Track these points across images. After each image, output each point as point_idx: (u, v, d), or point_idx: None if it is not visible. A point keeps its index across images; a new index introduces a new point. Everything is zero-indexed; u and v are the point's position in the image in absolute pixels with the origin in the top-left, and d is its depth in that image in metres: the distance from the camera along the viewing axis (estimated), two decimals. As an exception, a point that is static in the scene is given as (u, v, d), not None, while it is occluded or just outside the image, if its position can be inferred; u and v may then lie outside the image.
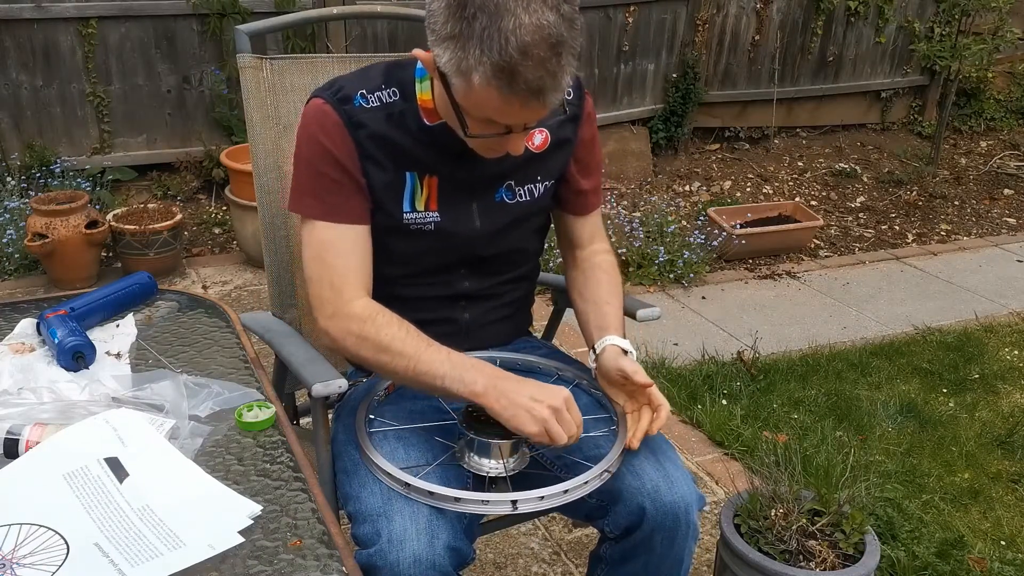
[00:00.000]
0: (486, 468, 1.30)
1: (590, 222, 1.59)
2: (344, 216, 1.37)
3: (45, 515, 0.99)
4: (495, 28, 1.12)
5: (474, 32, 1.14)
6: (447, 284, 1.49)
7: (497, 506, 1.22)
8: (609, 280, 1.56)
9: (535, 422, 1.24)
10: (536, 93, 1.17)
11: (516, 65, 1.13)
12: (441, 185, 1.41)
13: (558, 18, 1.15)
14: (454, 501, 1.22)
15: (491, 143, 1.29)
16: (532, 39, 1.13)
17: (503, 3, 1.12)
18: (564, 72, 1.18)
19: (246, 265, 3.79)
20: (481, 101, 1.20)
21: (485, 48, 1.13)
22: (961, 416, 2.88)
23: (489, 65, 1.14)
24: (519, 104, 1.18)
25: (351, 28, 4.31)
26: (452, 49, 1.17)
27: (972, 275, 4.13)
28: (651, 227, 4.03)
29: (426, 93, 1.36)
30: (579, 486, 1.25)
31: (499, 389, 1.26)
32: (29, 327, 1.41)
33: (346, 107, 1.35)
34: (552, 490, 1.23)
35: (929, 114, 5.99)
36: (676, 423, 2.76)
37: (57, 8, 3.91)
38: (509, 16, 1.12)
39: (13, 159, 4.00)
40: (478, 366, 1.29)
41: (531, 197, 1.48)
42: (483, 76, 1.15)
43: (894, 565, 2.09)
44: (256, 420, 1.21)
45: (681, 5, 5.05)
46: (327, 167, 1.35)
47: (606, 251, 1.61)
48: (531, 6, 1.13)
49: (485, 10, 1.13)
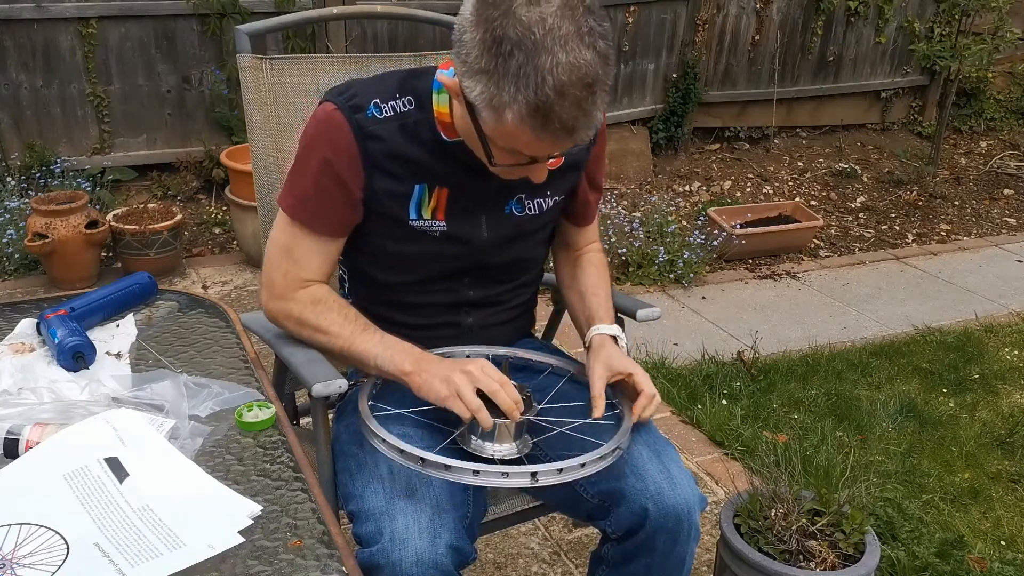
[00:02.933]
0: (489, 451, 1.29)
1: (590, 229, 1.62)
2: (326, 228, 1.39)
3: (45, 515, 0.99)
4: (532, 67, 1.11)
5: (509, 69, 1.12)
6: (452, 292, 1.49)
7: (517, 479, 1.21)
8: (597, 272, 1.59)
9: (447, 386, 1.26)
10: (569, 132, 1.16)
11: (552, 105, 1.12)
12: (451, 197, 1.40)
13: (595, 56, 1.13)
14: (472, 474, 1.19)
15: (514, 170, 1.29)
16: (569, 79, 1.11)
17: (540, 41, 1.10)
18: (598, 110, 1.17)
19: (246, 265, 3.79)
20: (511, 136, 1.19)
21: (521, 86, 1.12)
22: (961, 416, 2.88)
23: (524, 104, 1.13)
24: (550, 141, 1.18)
25: (351, 28, 4.31)
26: (484, 83, 1.15)
27: (972, 275, 4.13)
28: (651, 227, 4.03)
29: (443, 106, 1.34)
30: (595, 460, 1.25)
31: (421, 366, 1.31)
32: (29, 327, 1.41)
33: (358, 116, 1.34)
34: (571, 463, 1.23)
35: (929, 114, 5.99)
36: (676, 423, 2.76)
37: (57, 8, 3.91)
38: (547, 55, 1.11)
39: (13, 159, 4.00)
40: (408, 349, 1.34)
41: (540, 211, 1.48)
42: (517, 114, 1.14)
43: (894, 565, 2.09)
44: (256, 420, 1.21)
45: (681, 5, 5.05)
46: (324, 178, 1.35)
47: (597, 248, 1.64)
48: (568, 44, 1.11)
49: (522, 48, 1.11)
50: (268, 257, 1.43)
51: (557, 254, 1.65)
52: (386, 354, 1.33)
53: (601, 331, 1.46)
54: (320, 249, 1.40)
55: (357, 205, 1.38)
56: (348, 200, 1.37)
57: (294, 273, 1.40)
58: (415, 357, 1.32)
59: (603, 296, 1.54)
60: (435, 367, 1.30)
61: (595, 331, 1.47)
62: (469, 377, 1.26)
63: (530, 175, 1.29)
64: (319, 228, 1.39)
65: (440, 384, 1.27)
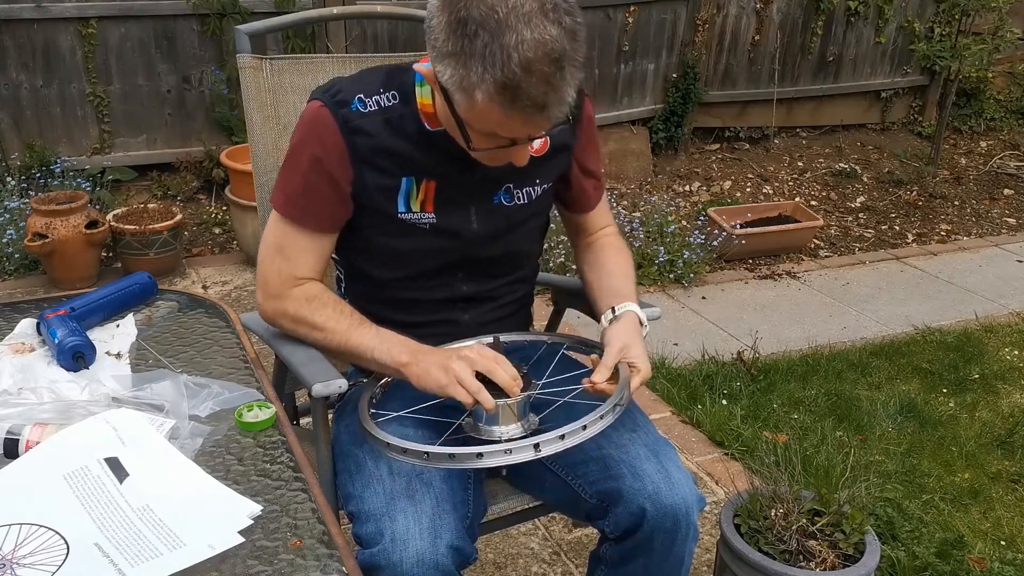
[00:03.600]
0: (497, 433, 1.28)
1: (596, 213, 1.61)
2: (316, 224, 1.40)
3: (45, 515, 0.99)
4: (497, 45, 1.12)
5: (475, 49, 1.13)
6: (446, 287, 1.49)
7: (520, 452, 1.20)
8: (618, 253, 1.58)
9: (445, 374, 1.26)
10: (540, 108, 1.17)
11: (519, 82, 1.13)
12: (439, 189, 1.41)
13: (560, 31, 1.14)
14: (476, 457, 1.19)
15: (495, 154, 1.29)
16: (535, 55, 1.12)
17: (504, 19, 1.11)
18: (568, 85, 1.17)
19: (246, 265, 3.79)
20: (484, 116, 1.19)
21: (487, 65, 1.13)
22: (961, 416, 2.88)
23: (492, 82, 1.14)
24: (522, 119, 1.18)
25: (351, 28, 4.31)
26: (454, 66, 1.16)
27: (972, 275, 4.13)
28: (651, 227, 4.03)
29: (426, 98, 1.35)
30: (595, 420, 1.23)
31: (418, 357, 1.31)
32: (29, 327, 1.41)
33: (343, 111, 1.34)
34: (572, 427, 1.21)
35: (929, 114, 5.99)
36: (676, 423, 2.76)
37: (57, 8, 3.90)
38: (511, 32, 1.11)
39: (13, 159, 4.00)
40: (405, 341, 1.34)
41: (529, 200, 1.48)
42: (486, 93, 1.15)
43: (894, 565, 2.09)
44: (256, 420, 1.21)
45: (681, 5, 5.05)
46: (314, 175, 1.36)
47: (614, 232, 1.63)
48: (532, 21, 1.12)
49: (486, 27, 1.12)
50: (261, 257, 1.44)
51: (574, 242, 1.66)
52: (382, 347, 1.34)
53: (632, 309, 1.45)
54: (312, 246, 1.41)
55: (347, 200, 1.39)
56: (338, 195, 1.37)
57: (287, 271, 1.40)
58: (411, 348, 1.33)
59: (628, 277, 1.53)
60: (431, 356, 1.31)
61: (627, 307, 1.45)
62: (466, 361, 1.26)
63: (512, 159, 1.29)
64: (310, 224, 1.39)
65: (439, 372, 1.27)
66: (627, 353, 1.37)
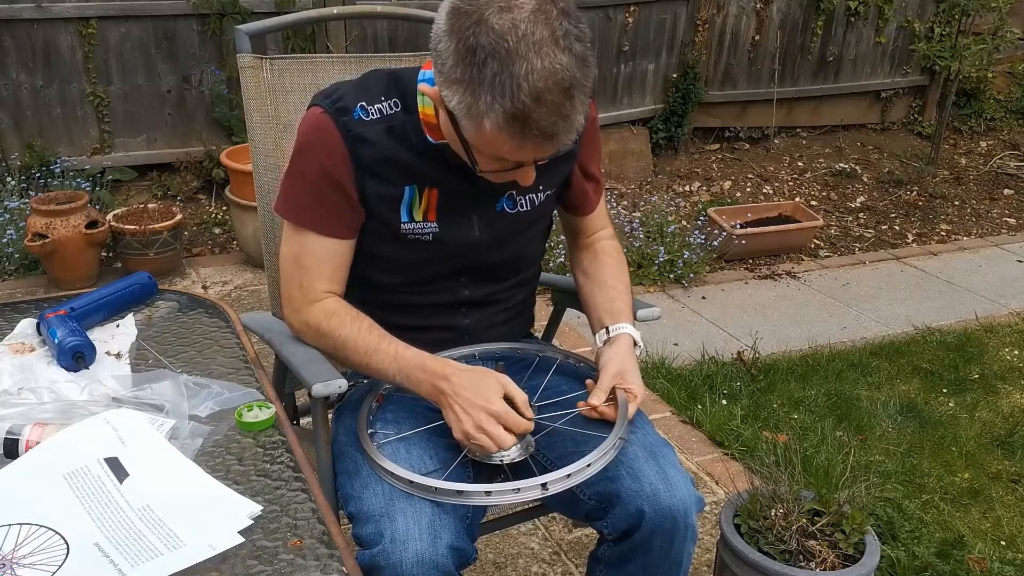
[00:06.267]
0: (496, 458, 1.30)
1: (594, 216, 1.62)
2: (329, 230, 1.39)
3: (45, 515, 0.99)
4: (507, 75, 1.10)
5: (484, 78, 1.11)
6: (448, 292, 1.48)
7: (529, 492, 1.22)
8: (615, 263, 1.58)
9: (475, 430, 1.25)
10: (549, 137, 1.16)
11: (529, 112, 1.11)
12: (441, 197, 1.40)
13: (571, 59, 1.12)
14: (484, 495, 1.22)
15: (501, 175, 1.28)
16: (545, 85, 1.10)
17: (514, 48, 1.09)
18: (578, 113, 1.16)
19: (246, 265, 3.79)
20: (492, 143, 1.18)
21: (497, 95, 1.11)
22: (961, 416, 2.88)
23: (501, 112, 1.12)
24: (532, 147, 1.18)
25: (351, 28, 4.31)
26: (462, 93, 1.15)
27: (972, 275, 4.13)
28: (651, 227, 4.03)
29: (428, 108, 1.34)
30: (600, 457, 1.26)
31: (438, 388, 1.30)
32: (29, 327, 1.41)
33: (345, 119, 1.34)
34: (577, 466, 1.24)
35: (929, 114, 5.99)
36: (676, 423, 2.76)
37: (57, 8, 3.90)
38: (521, 61, 1.10)
39: (13, 159, 4.00)
40: (423, 366, 1.32)
41: (532, 206, 1.48)
42: (495, 123, 1.14)
43: (894, 565, 2.09)
44: (256, 420, 1.21)
45: (681, 5, 5.05)
46: (321, 181, 1.35)
47: (610, 236, 1.63)
48: (543, 49, 1.10)
49: (496, 56, 1.10)
50: (282, 272, 1.44)
51: (568, 243, 1.66)
52: (401, 374, 1.34)
53: (627, 331, 1.46)
54: (329, 255, 1.40)
55: (357, 206, 1.38)
56: (349, 202, 1.37)
57: (308, 282, 1.40)
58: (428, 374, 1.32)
59: (624, 291, 1.54)
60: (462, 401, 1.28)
61: (622, 328, 1.46)
62: (497, 418, 1.26)
63: (517, 179, 1.28)
64: (326, 231, 1.38)
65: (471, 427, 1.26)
66: (622, 379, 1.39)
